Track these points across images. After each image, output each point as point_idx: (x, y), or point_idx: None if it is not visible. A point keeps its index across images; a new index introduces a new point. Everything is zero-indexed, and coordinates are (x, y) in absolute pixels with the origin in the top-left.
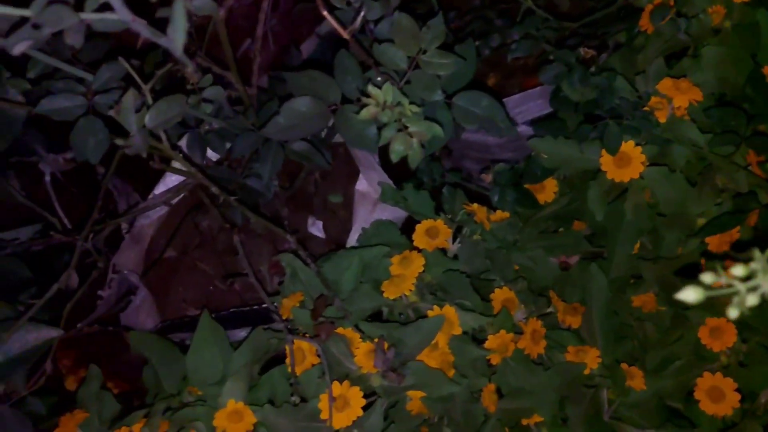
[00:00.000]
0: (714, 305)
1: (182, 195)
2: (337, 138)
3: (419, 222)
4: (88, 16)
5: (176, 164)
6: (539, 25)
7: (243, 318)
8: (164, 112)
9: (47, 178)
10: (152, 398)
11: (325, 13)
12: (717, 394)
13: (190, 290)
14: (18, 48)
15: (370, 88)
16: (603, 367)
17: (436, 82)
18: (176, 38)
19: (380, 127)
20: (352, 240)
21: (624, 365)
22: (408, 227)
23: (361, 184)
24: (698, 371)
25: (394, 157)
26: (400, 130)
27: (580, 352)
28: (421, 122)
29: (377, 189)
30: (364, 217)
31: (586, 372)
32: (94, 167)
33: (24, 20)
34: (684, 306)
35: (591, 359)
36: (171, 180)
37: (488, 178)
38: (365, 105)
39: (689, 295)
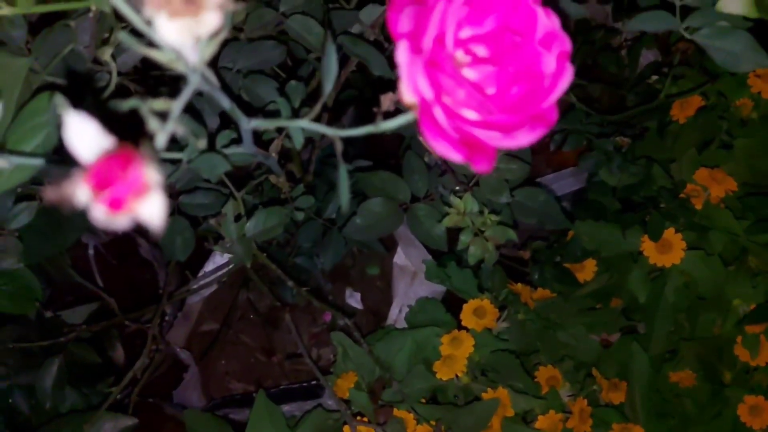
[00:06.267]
0: (751, 383)
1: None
2: None
3: (460, 297)
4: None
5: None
6: (583, 119)
7: (290, 393)
8: (264, 222)
9: (90, 251)
10: None
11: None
12: None
13: (233, 362)
14: (169, 181)
15: (452, 199)
16: None
17: (504, 185)
18: (344, 200)
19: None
20: (393, 314)
21: None
22: (447, 301)
23: (399, 258)
24: None
25: (471, 260)
26: (476, 235)
27: (624, 430)
28: (496, 227)
29: (415, 263)
30: (403, 291)
31: None
32: (132, 239)
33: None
34: (722, 383)
35: None
36: (220, 258)
37: (526, 254)
38: (447, 214)
39: None
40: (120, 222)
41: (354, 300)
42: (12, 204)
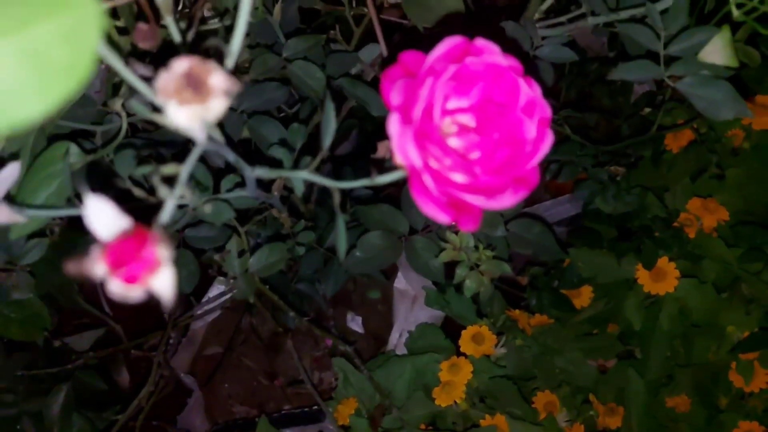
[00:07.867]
0: (745, 408)
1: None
2: None
3: (459, 323)
4: (226, 196)
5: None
6: (578, 151)
7: (292, 418)
8: (266, 258)
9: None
10: None
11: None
12: None
13: (236, 386)
14: (176, 227)
15: (448, 235)
16: None
17: (499, 219)
18: (341, 250)
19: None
20: (394, 338)
21: None
22: (447, 326)
23: (400, 282)
24: None
25: (468, 293)
26: (471, 269)
27: None
28: (491, 261)
29: (416, 287)
30: (404, 315)
31: None
32: None
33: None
34: (717, 408)
35: None
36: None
37: (523, 280)
38: (442, 249)
39: None
40: (134, 293)
41: (355, 324)
42: (25, 241)
